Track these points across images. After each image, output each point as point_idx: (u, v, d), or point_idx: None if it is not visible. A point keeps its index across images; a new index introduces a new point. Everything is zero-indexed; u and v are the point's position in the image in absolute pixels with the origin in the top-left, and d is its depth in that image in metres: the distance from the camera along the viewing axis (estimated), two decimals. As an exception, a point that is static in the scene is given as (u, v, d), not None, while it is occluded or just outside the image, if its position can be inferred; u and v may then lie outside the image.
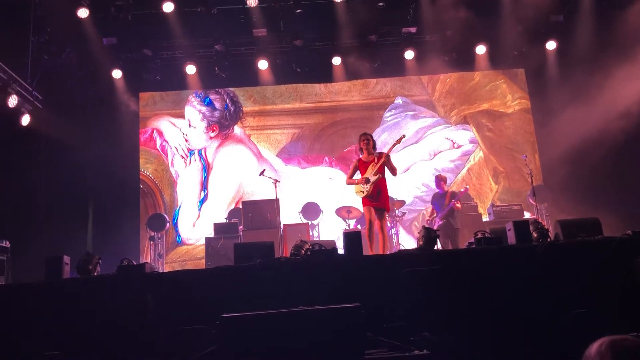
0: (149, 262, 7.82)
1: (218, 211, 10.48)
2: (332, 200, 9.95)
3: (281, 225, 8.71)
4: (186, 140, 11.01)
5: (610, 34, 8.88)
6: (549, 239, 5.47)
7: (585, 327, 4.26)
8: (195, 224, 10.63)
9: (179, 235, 10.61)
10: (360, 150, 7.03)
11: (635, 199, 9.02)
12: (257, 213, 8.64)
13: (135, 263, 5.59)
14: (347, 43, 10.24)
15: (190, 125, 11.06)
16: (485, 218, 9.51)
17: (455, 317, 4.55)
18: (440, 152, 10.91)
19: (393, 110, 11.17)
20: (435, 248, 5.75)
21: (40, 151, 9.52)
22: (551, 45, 10.32)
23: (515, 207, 9.31)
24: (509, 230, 5.56)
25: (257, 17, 9.70)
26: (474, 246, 5.55)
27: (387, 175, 6.84)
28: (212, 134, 11.03)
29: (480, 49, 10.40)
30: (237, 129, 11.09)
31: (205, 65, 10.55)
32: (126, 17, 9.28)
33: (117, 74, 10.31)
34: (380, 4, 9.44)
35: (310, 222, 9.64)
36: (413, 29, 10.15)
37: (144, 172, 10.87)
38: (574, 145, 9.06)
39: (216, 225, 8.93)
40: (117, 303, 4.83)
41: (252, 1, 9.29)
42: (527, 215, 9.40)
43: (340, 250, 6.27)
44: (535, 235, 5.49)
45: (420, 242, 5.60)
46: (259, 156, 11.00)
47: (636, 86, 8.28)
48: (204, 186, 10.84)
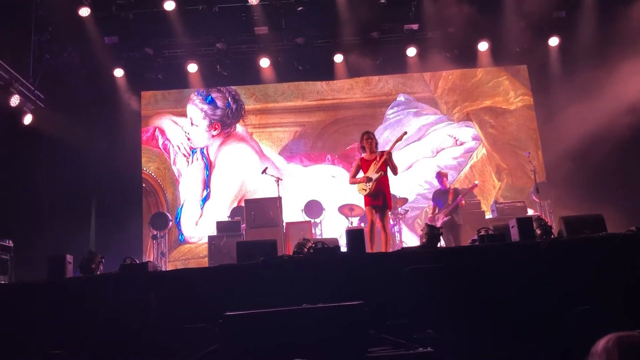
0: (151, 261, 7.78)
1: (220, 209, 10.48)
2: (335, 198, 9.94)
3: (284, 224, 8.71)
4: (188, 139, 11.01)
5: (613, 30, 8.82)
6: (553, 236, 5.45)
7: (589, 324, 4.25)
8: (198, 223, 10.64)
9: (182, 234, 10.61)
10: (363, 148, 7.01)
11: (639, 195, 8.98)
12: (259, 211, 8.63)
13: (138, 262, 5.58)
14: (349, 40, 10.21)
15: (192, 124, 11.06)
16: (489, 215, 9.47)
17: (458, 314, 4.54)
18: (442, 149, 10.88)
19: (395, 108, 11.14)
20: (439, 245, 5.73)
21: (43, 150, 9.53)
22: (554, 41, 10.27)
23: (518, 204, 9.29)
24: (512, 227, 5.54)
25: (258, 14, 9.68)
26: (477, 243, 5.53)
27: (390, 173, 6.82)
28: (214, 133, 11.03)
29: (483, 46, 10.36)
30: (239, 127, 11.09)
31: (206, 64, 10.53)
32: (127, 16, 9.29)
33: (118, 72, 10.30)
34: (382, 1, 9.41)
35: (312, 220, 9.62)
36: (415, 26, 10.11)
37: (146, 170, 10.87)
38: (577, 142, 9.00)
39: (219, 224, 8.93)
40: (120, 302, 4.83)
41: (254, -1, 9.29)
42: (530, 212, 9.38)
43: (343, 248, 6.27)
44: (538, 232, 5.46)
45: (424, 240, 5.58)
46: (261, 154, 10.99)
47: (641, 82, 8.25)
48: (207, 184, 10.84)
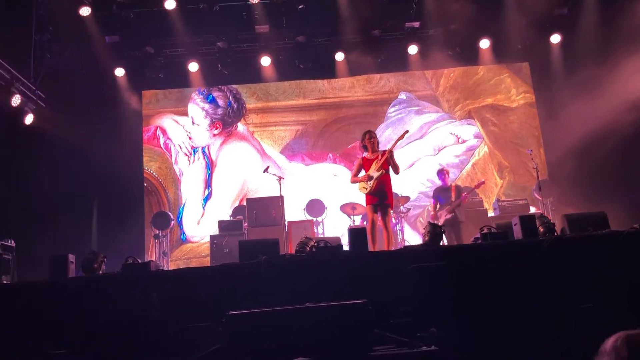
0: (154, 260, 7.80)
1: (222, 209, 10.47)
2: (337, 196, 9.91)
3: (286, 223, 8.70)
4: (189, 138, 11.00)
5: (615, 27, 8.77)
6: (556, 234, 5.43)
7: (592, 322, 4.24)
8: (200, 222, 10.63)
9: (184, 233, 10.61)
10: (364, 147, 6.99)
11: (643, 192, 8.94)
12: (261, 210, 8.62)
13: (140, 261, 5.58)
14: (350, 38, 10.19)
15: (193, 123, 11.05)
16: (491, 213, 9.46)
17: (461, 312, 4.52)
18: (444, 147, 10.86)
19: (397, 106, 11.12)
20: (441, 244, 5.71)
21: (44, 150, 9.52)
22: (555, 38, 10.24)
23: (521, 202, 9.27)
24: (515, 225, 5.52)
25: (259, 13, 9.66)
26: (480, 241, 5.52)
27: (391, 171, 6.80)
28: (216, 132, 11.01)
29: (484, 43, 10.32)
30: (241, 126, 11.07)
31: (207, 63, 10.51)
32: (128, 15, 9.27)
33: (119, 72, 10.29)
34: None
35: (314, 219, 9.62)
36: (416, 24, 10.08)
37: (147, 170, 10.87)
38: (579, 139, 8.97)
39: (221, 223, 8.93)
40: (123, 301, 4.83)
41: (254, -3, 9.28)
42: (532, 210, 9.36)
43: (345, 247, 6.26)
44: (541, 229, 5.45)
45: (426, 238, 5.56)
46: (263, 153, 10.98)
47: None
48: (208, 184, 10.83)
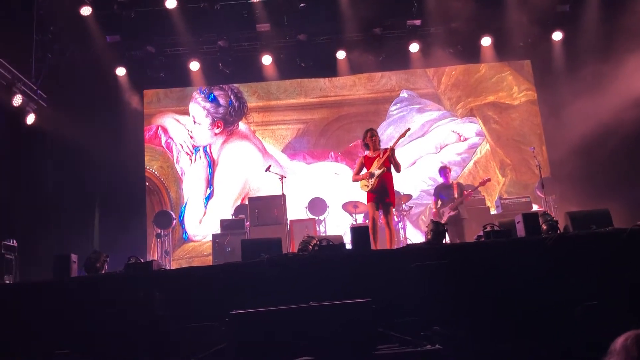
0: (156, 260, 7.79)
1: (224, 208, 10.46)
2: (339, 195, 9.91)
3: (288, 221, 8.69)
4: (191, 137, 10.99)
5: (617, 24, 8.74)
6: (559, 231, 5.42)
7: (595, 320, 4.22)
8: (202, 221, 10.63)
9: (186, 232, 10.61)
10: (366, 146, 6.97)
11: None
12: (263, 209, 8.62)
13: (142, 260, 5.58)
14: (351, 37, 10.17)
15: (194, 122, 11.04)
16: (493, 211, 9.44)
17: (464, 310, 4.51)
18: (446, 145, 10.84)
19: (398, 104, 11.10)
20: (444, 242, 5.70)
21: (46, 150, 9.52)
22: (557, 35, 10.21)
23: (523, 200, 9.25)
24: (518, 222, 5.51)
25: (260, 12, 9.64)
26: (483, 239, 5.51)
27: (393, 169, 6.78)
28: (217, 131, 11.01)
29: (486, 41, 10.30)
30: (242, 125, 11.06)
31: (209, 62, 10.50)
32: (129, 15, 9.26)
33: (121, 71, 10.30)
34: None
35: (316, 218, 9.61)
36: (418, 22, 10.05)
37: (149, 169, 10.87)
38: (582, 137, 8.94)
39: (223, 222, 8.93)
40: (125, 301, 4.83)
41: (255, -4, 9.27)
42: (535, 207, 9.33)
43: (347, 245, 6.25)
44: (544, 227, 5.44)
45: (429, 236, 5.56)
46: (264, 152, 10.97)
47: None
48: (210, 183, 10.83)
